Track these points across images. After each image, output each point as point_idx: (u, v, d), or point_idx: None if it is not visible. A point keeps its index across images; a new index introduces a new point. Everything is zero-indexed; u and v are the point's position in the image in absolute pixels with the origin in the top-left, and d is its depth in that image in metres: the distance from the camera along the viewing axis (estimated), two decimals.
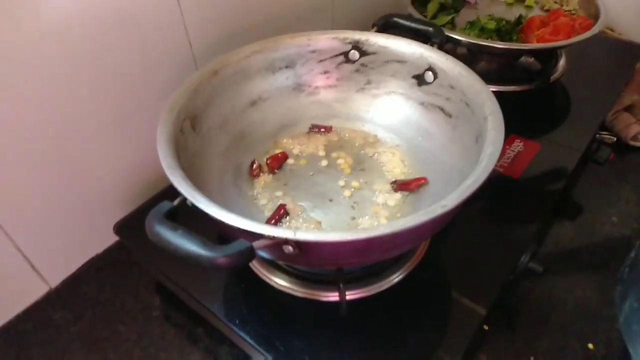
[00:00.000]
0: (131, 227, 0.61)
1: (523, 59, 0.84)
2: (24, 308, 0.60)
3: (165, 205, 0.39)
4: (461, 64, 0.54)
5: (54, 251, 0.60)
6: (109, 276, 0.64)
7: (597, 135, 0.75)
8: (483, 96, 0.50)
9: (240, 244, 0.35)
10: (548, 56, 0.81)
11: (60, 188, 0.57)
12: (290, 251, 0.38)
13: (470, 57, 0.84)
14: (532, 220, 0.59)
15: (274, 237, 0.37)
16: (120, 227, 0.62)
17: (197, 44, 0.64)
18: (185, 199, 0.41)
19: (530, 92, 0.78)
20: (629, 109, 0.84)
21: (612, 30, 0.93)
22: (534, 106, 0.78)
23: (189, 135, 0.52)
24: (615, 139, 0.77)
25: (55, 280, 0.63)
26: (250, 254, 0.36)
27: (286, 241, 0.37)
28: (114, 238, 0.64)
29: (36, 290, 0.61)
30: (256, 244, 0.37)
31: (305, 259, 0.42)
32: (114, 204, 0.64)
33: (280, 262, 0.52)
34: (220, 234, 0.49)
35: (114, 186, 0.63)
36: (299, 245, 0.37)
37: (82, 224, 0.62)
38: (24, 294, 0.61)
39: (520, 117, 0.74)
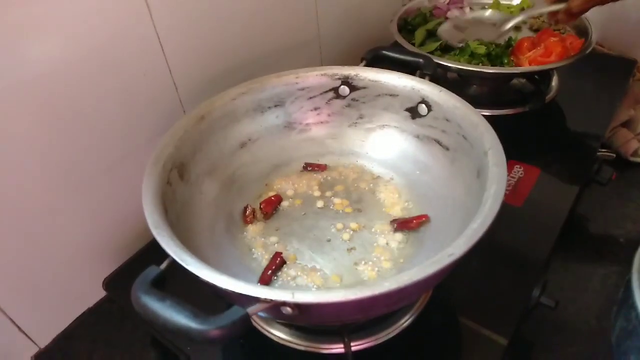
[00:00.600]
0: (121, 281, 0.59)
1: (515, 80, 0.83)
2: None
3: (152, 271, 0.37)
4: (455, 96, 0.53)
5: (41, 309, 0.57)
6: (101, 332, 0.61)
7: (598, 154, 0.73)
8: (480, 129, 0.48)
9: (233, 313, 0.33)
10: (541, 77, 0.80)
11: (44, 244, 0.54)
12: (289, 312, 0.35)
13: (461, 82, 0.83)
14: (540, 251, 0.57)
15: (270, 301, 0.34)
16: (110, 283, 0.59)
17: (183, 87, 0.62)
18: (173, 260, 0.38)
19: (525, 115, 0.77)
20: (626, 124, 0.83)
21: (601, 46, 0.92)
22: (530, 129, 0.76)
23: (177, 185, 0.49)
24: (614, 155, 0.75)
25: (44, 340, 0.60)
26: (246, 322, 0.33)
27: (284, 303, 0.34)
28: (104, 292, 0.61)
29: (25, 352, 0.58)
30: (251, 309, 0.34)
31: (306, 319, 0.40)
32: (102, 257, 0.61)
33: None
34: (214, 294, 0.46)
35: (101, 239, 0.61)
36: (298, 306, 0.35)
37: (70, 279, 0.59)
38: (11, 357, 0.57)
39: (517, 141, 0.72)
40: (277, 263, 0.49)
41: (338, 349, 0.48)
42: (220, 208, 0.54)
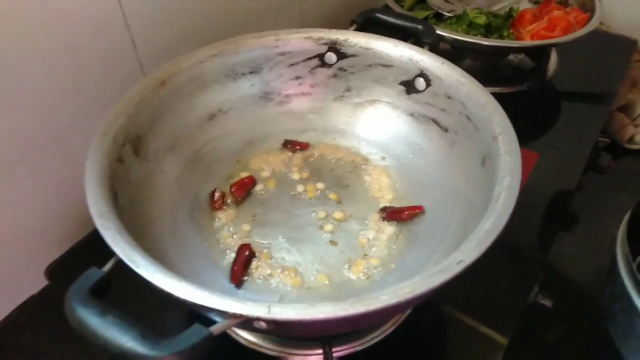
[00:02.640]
0: (66, 269, 0.51)
1: (512, 56, 0.77)
2: None
3: (92, 275, 0.29)
4: (459, 70, 0.46)
5: None
6: (45, 324, 0.53)
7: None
8: (489, 110, 0.42)
9: (193, 334, 0.26)
10: (541, 53, 0.74)
11: None
12: (262, 327, 0.29)
13: (454, 53, 0.76)
14: (540, 244, 0.52)
15: (240, 316, 0.28)
16: (53, 271, 0.51)
17: (144, 45, 0.53)
18: (120, 260, 0.31)
19: (522, 94, 0.71)
20: (622, 108, 0.79)
21: (601, 23, 0.87)
22: (527, 109, 0.70)
23: (131, 162, 0.42)
24: (609, 141, 0.71)
25: None
26: (209, 344, 0.26)
27: (257, 319, 0.28)
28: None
29: None
30: (216, 327, 0.27)
31: (283, 333, 0.34)
32: (45, 242, 0.53)
33: None
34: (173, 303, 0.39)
35: (44, 220, 0.52)
36: (275, 322, 0.28)
37: (10, 264, 0.51)
38: None
39: (514, 124, 0.67)
40: (245, 257, 0.42)
41: (316, 355, 0.42)
42: (184, 190, 0.46)
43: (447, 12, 0.72)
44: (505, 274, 0.50)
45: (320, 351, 0.41)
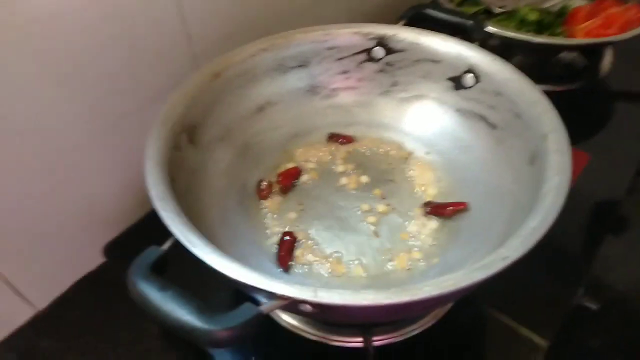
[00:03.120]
0: (122, 248, 0.54)
1: (564, 54, 0.74)
2: (6, 335, 0.53)
3: (152, 252, 0.31)
4: (510, 66, 0.46)
5: (38, 271, 0.53)
6: (100, 299, 0.57)
7: None
8: (540, 108, 0.41)
9: (245, 311, 0.28)
10: (595, 52, 0.72)
11: (43, 203, 0.49)
12: (308, 310, 0.30)
13: (504, 50, 0.74)
14: (587, 246, 0.51)
15: (288, 298, 0.29)
16: (110, 249, 0.54)
17: (199, 38, 0.55)
18: (177, 240, 0.33)
19: (573, 93, 0.69)
20: None
21: None
22: (578, 109, 0.68)
23: (187, 150, 0.44)
24: None
25: (41, 303, 0.56)
26: (259, 323, 0.28)
27: (304, 302, 0.29)
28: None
29: (20, 315, 0.54)
30: (266, 307, 0.29)
31: (327, 317, 0.35)
32: (103, 221, 0.56)
33: None
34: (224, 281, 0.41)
35: (102, 201, 0.56)
36: (320, 305, 0.29)
37: (70, 242, 0.55)
38: (5, 319, 0.53)
39: (564, 122, 0.65)
40: (290, 243, 0.43)
41: (356, 342, 0.43)
42: (234, 179, 0.48)
43: (498, 8, 0.71)
44: (549, 275, 0.49)
45: (361, 339, 0.42)
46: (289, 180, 0.49)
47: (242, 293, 0.34)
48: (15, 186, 0.46)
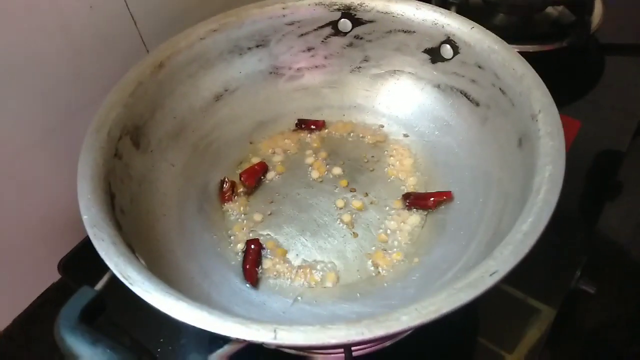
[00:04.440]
0: (80, 263, 0.49)
1: (550, 9, 0.68)
2: None
3: (84, 296, 0.27)
4: (492, 35, 0.40)
5: None
6: None
7: None
8: (527, 83, 0.36)
9: None
10: (584, 4, 0.66)
11: None
12: (271, 347, 0.26)
13: (485, 9, 0.68)
14: (580, 223, 0.47)
15: (244, 341, 0.25)
16: (66, 265, 0.50)
17: (143, 19, 0.49)
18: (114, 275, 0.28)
19: (562, 52, 0.63)
20: None
21: None
22: (568, 70, 0.63)
23: (131, 156, 0.39)
24: None
25: (3, 323, 0.52)
26: None
27: (263, 344, 0.25)
28: None
29: None
30: (219, 354, 0.24)
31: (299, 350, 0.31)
32: (62, 231, 0.52)
33: None
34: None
35: (59, 210, 0.51)
36: (282, 346, 0.25)
37: (27, 256, 0.50)
38: None
39: (553, 86, 0.60)
40: (256, 253, 0.39)
41: (336, 354, 0.39)
42: (191, 181, 0.43)
43: None
44: (542, 260, 0.46)
45: (341, 350, 0.38)
46: (253, 179, 0.44)
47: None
48: None
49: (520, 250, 0.27)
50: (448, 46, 0.43)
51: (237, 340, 0.25)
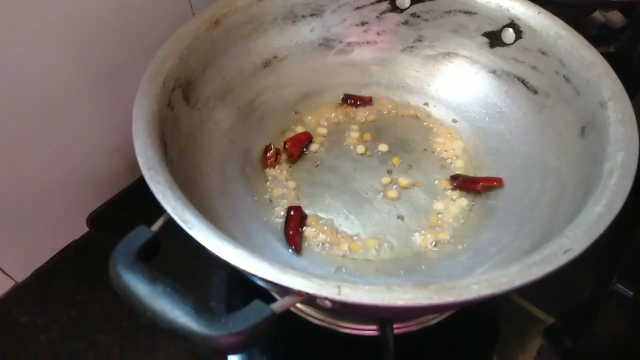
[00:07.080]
0: (108, 219, 0.49)
1: (597, 14, 0.67)
2: None
3: (140, 235, 0.26)
4: (561, 21, 0.39)
5: (17, 240, 0.48)
6: (87, 271, 0.52)
7: None
8: (596, 71, 0.35)
9: (254, 312, 0.23)
10: (636, 9, 0.65)
11: (18, 165, 0.44)
12: (327, 305, 0.25)
13: None
14: (620, 227, 0.46)
15: (306, 294, 0.24)
16: (94, 220, 0.49)
17: None
18: (170, 219, 0.27)
19: (609, 57, 0.62)
20: None
21: None
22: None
23: (181, 110, 0.38)
24: None
25: (21, 274, 0.51)
26: (271, 325, 0.23)
27: (325, 299, 0.24)
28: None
29: None
30: (280, 306, 0.24)
31: (346, 312, 0.30)
32: (91, 186, 0.51)
33: None
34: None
35: (86, 166, 0.50)
36: (344, 303, 0.24)
37: (53, 207, 0.49)
38: None
39: None
40: (298, 220, 0.38)
41: (369, 331, 0.38)
42: (235, 144, 0.42)
43: None
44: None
45: (374, 327, 0.38)
46: (297, 147, 0.43)
47: (246, 280, 0.29)
48: None
49: (594, 231, 0.26)
50: (511, 30, 0.42)
51: (299, 293, 0.24)
